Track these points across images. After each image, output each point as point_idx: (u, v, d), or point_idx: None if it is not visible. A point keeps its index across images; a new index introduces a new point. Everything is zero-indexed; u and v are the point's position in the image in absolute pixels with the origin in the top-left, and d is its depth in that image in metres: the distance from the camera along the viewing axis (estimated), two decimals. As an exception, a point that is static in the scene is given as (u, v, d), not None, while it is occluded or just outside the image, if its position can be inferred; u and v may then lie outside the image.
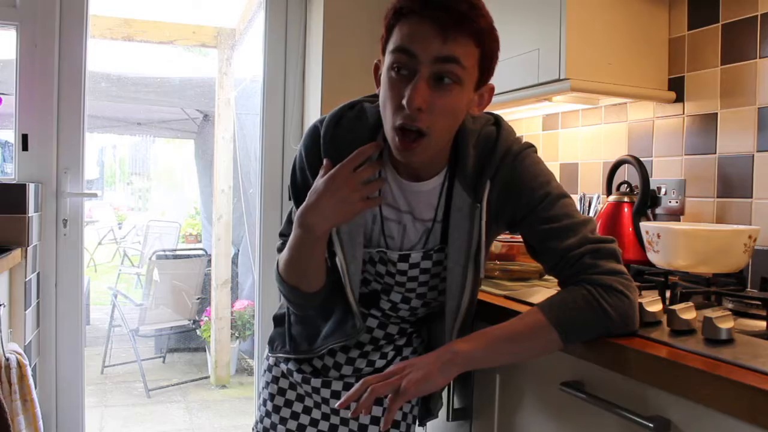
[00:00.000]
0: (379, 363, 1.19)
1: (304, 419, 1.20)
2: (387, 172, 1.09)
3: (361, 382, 0.93)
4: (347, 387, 1.17)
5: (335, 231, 1.08)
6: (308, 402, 1.20)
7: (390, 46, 0.98)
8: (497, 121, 1.10)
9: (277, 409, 1.21)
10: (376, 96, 1.07)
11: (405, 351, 1.20)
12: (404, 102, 0.94)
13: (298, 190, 1.14)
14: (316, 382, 1.18)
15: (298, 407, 1.21)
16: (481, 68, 0.99)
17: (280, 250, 1.19)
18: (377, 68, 1.05)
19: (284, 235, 1.19)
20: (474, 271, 1.07)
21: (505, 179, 1.04)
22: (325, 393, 1.18)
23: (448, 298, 1.09)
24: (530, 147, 1.08)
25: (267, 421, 1.22)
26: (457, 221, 1.06)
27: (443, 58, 0.93)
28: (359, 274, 1.12)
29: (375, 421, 1.17)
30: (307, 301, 1.14)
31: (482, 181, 1.04)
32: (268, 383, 1.24)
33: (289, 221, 1.17)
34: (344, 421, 1.18)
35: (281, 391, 1.22)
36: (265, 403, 1.24)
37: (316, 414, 1.20)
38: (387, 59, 0.98)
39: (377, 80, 1.05)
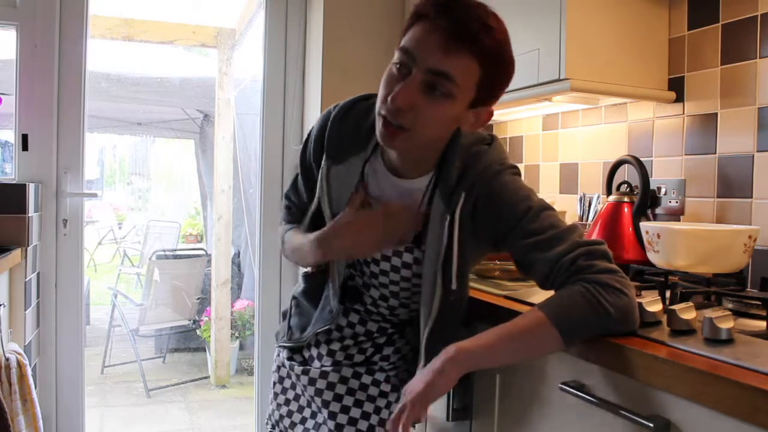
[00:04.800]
0: (358, 357, 1.22)
1: (294, 405, 1.26)
2: (377, 164, 1.14)
3: (390, 423, 0.97)
4: (323, 375, 1.21)
5: (328, 209, 1.15)
6: (298, 390, 1.26)
7: (400, 44, 1.01)
8: (491, 143, 1.11)
9: (275, 395, 1.30)
10: None
11: (386, 350, 1.22)
12: (389, 97, 0.98)
13: (305, 165, 1.23)
14: (298, 369, 1.23)
15: (290, 394, 1.27)
16: (480, 89, 0.99)
17: (284, 218, 1.30)
18: None
19: (289, 198, 1.30)
20: (443, 281, 1.07)
21: (482, 195, 1.05)
22: (305, 380, 1.22)
23: (422, 302, 1.11)
24: (512, 168, 1.09)
25: (270, 408, 1.31)
26: (432, 227, 1.07)
27: (437, 72, 0.95)
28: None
29: (345, 410, 1.19)
30: None
31: (457, 191, 1.05)
32: (273, 372, 1.32)
33: (295, 186, 1.27)
34: (319, 408, 1.22)
35: (280, 379, 1.30)
36: (271, 390, 1.32)
37: (303, 401, 1.25)
38: (395, 54, 1.02)
39: None
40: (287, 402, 1.27)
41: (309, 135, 1.21)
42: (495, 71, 0.99)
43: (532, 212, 1.02)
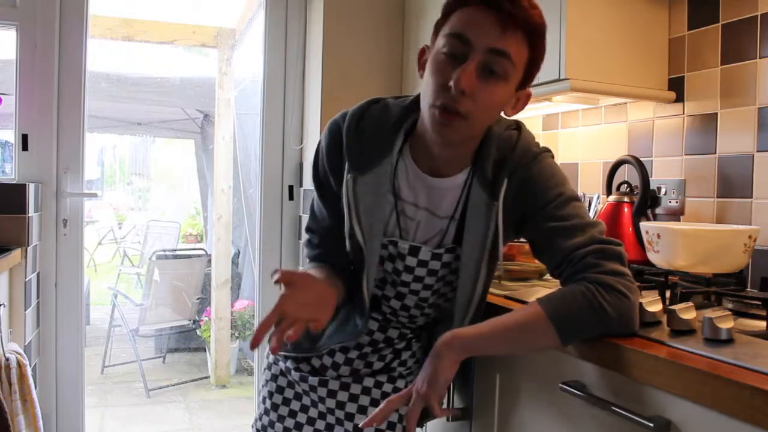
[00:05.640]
0: (377, 365, 1.19)
1: (301, 417, 1.20)
2: (408, 167, 1.10)
3: (386, 402, 0.99)
4: (344, 387, 1.17)
5: (357, 222, 1.09)
6: (305, 400, 1.21)
7: (445, 30, 0.99)
8: (519, 126, 1.13)
9: (275, 406, 1.22)
10: (398, 97, 1.12)
11: (404, 354, 1.20)
12: (451, 83, 0.95)
13: (322, 184, 1.17)
14: (313, 380, 1.18)
15: (295, 405, 1.21)
16: (526, 70, 1.00)
17: (307, 254, 1.23)
18: (423, 53, 1.06)
19: (311, 230, 1.23)
20: (488, 267, 1.08)
21: (521, 178, 1.06)
22: (322, 392, 1.18)
23: (459, 293, 1.10)
24: (548, 151, 1.10)
25: (265, 419, 1.23)
26: (473, 219, 1.07)
27: (497, 51, 0.95)
28: (375, 266, 1.12)
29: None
30: None
31: (500, 179, 1.05)
32: (267, 381, 1.25)
33: (312, 213, 1.22)
34: (339, 421, 1.18)
35: (279, 389, 1.23)
36: (264, 401, 1.24)
37: (313, 413, 1.20)
38: (439, 42, 0.99)
39: (421, 65, 1.05)
40: (292, 414, 1.21)
41: (318, 152, 1.16)
42: (539, 51, 1.01)
43: (561, 198, 1.03)
